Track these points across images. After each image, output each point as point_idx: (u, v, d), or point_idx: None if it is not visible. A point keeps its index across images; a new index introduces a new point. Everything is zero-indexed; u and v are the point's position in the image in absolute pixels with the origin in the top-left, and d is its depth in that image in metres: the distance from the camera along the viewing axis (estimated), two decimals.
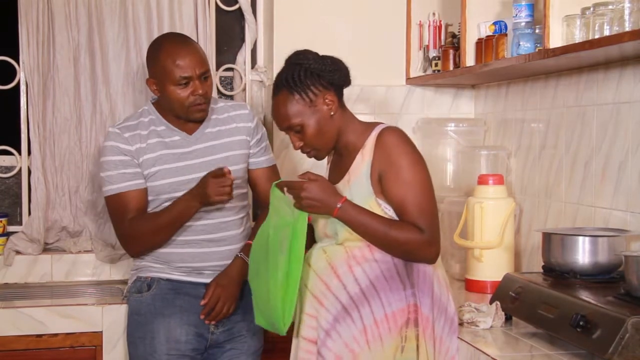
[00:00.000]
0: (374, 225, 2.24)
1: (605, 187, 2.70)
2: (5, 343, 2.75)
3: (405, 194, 2.25)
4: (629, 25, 2.29)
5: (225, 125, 2.73)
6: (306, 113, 2.30)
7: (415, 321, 2.27)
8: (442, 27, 3.54)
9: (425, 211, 2.26)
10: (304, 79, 2.30)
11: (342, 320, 2.26)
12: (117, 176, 2.61)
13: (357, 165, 2.32)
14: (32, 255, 3.31)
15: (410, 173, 2.26)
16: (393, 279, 2.27)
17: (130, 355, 2.67)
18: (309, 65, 2.32)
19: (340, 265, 2.29)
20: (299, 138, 2.34)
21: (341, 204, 2.25)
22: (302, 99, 2.30)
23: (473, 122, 3.58)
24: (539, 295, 2.32)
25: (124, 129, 2.65)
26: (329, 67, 2.33)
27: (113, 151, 2.62)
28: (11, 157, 3.47)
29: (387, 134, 2.30)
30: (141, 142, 2.63)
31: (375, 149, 2.29)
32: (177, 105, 2.61)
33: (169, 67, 2.57)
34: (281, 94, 2.33)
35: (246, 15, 3.63)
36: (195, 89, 2.58)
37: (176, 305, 2.62)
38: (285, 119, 2.32)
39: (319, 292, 2.31)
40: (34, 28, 3.30)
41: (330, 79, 2.32)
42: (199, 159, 2.65)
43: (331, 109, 2.32)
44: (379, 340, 2.25)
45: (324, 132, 2.33)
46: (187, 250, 2.63)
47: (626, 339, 1.92)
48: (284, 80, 2.32)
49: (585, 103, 2.83)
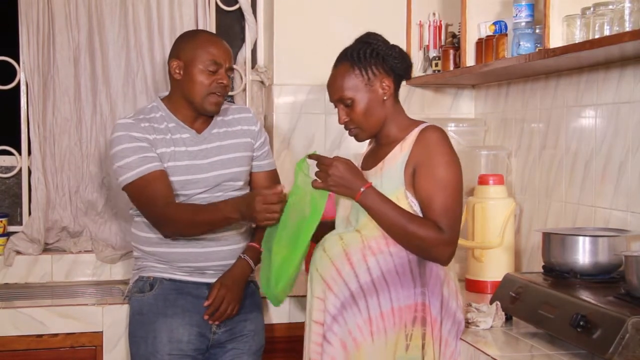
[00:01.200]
0: (394, 216, 2.25)
1: (606, 187, 2.70)
2: (6, 343, 2.75)
3: (434, 192, 2.26)
4: (629, 25, 2.30)
5: (231, 127, 2.74)
6: (361, 90, 2.34)
7: (423, 320, 2.27)
8: (442, 27, 3.54)
9: (450, 212, 2.26)
10: (368, 57, 2.34)
11: (349, 308, 2.28)
12: (137, 161, 2.57)
13: (394, 155, 2.34)
14: (32, 255, 3.31)
15: (443, 172, 2.27)
16: (405, 275, 2.28)
17: (132, 355, 2.67)
18: (377, 47, 2.36)
19: (354, 252, 2.30)
20: (346, 113, 2.37)
21: (365, 189, 2.26)
22: (361, 75, 2.34)
23: (473, 122, 3.58)
24: (539, 295, 2.32)
25: (138, 120, 2.63)
26: (395, 54, 2.37)
27: (128, 139, 2.58)
28: (11, 157, 3.47)
29: (430, 131, 2.33)
30: (157, 134, 2.62)
31: (415, 143, 2.32)
32: (198, 90, 2.62)
33: (205, 49, 2.62)
34: (342, 65, 2.37)
35: (246, 16, 3.63)
36: (220, 77, 2.63)
37: (178, 305, 2.62)
38: (339, 90, 2.36)
39: (329, 277, 2.32)
40: (34, 28, 3.30)
41: (393, 66, 2.36)
42: (207, 159, 2.65)
43: (385, 93, 2.36)
44: (383, 334, 2.26)
45: (372, 113, 2.36)
46: (189, 250, 2.63)
47: (626, 339, 1.92)
48: (348, 54, 2.37)
49: (586, 103, 2.83)
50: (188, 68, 2.63)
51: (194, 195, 2.63)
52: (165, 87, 3.38)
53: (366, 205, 2.27)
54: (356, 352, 2.27)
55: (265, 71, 3.62)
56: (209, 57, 2.62)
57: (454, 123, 3.51)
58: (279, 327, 2.95)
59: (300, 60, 3.54)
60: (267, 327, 2.82)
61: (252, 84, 3.64)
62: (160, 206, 2.56)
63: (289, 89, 3.55)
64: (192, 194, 2.63)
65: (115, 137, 2.62)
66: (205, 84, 2.62)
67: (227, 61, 2.66)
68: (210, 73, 2.62)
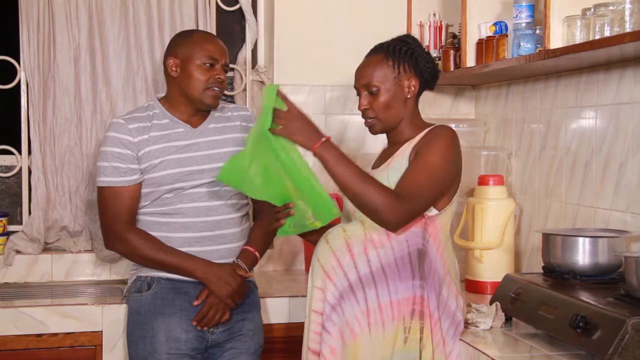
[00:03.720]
0: (349, 171, 2.24)
1: (606, 188, 2.70)
2: (5, 342, 2.75)
3: (414, 169, 2.28)
4: (629, 26, 2.30)
5: (229, 122, 2.76)
6: (389, 81, 2.38)
7: (421, 313, 2.28)
8: (443, 28, 3.54)
9: (415, 187, 2.25)
10: (403, 54, 2.39)
11: (347, 298, 2.30)
12: (111, 169, 2.62)
13: (402, 151, 2.37)
14: (32, 254, 3.31)
15: (433, 157, 2.28)
16: (405, 268, 2.29)
17: (130, 354, 2.67)
18: (413, 47, 2.41)
19: (356, 244, 2.32)
20: (368, 100, 2.40)
21: (325, 139, 2.27)
22: (393, 68, 2.38)
23: (473, 122, 3.58)
24: (539, 296, 2.33)
25: (129, 120, 2.66)
26: (428, 59, 2.43)
27: (113, 142, 2.63)
28: (11, 157, 3.47)
29: (438, 127, 2.38)
30: (144, 134, 2.64)
31: (423, 137, 2.35)
32: (195, 86, 2.64)
33: (201, 46, 2.65)
34: (377, 55, 2.42)
35: (247, 16, 3.63)
36: (216, 73, 2.65)
37: (176, 305, 2.62)
38: (368, 75, 2.40)
39: (330, 267, 2.34)
40: (34, 27, 3.30)
41: (423, 69, 2.41)
42: (203, 152, 2.66)
43: (409, 92, 2.40)
44: (380, 326, 2.28)
45: (392, 107, 2.39)
46: (187, 249, 2.63)
47: (626, 340, 1.92)
48: (385, 46, 2.42)
49: (586, 104, 2.83)
50: (185, 65, 2.65)
51: (190, 187, 2.63)
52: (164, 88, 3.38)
53: (323, 157, 2.26)
54: (353, 342, 2.29)
55: (266, 71, 3.62)
56: (206, 53, 2.64)
57: (454, 123, 3.50)
58: (278, 327, 2.95)
59: (300, 61, 3.54)
60: (266, 327, 2.82)
61: (253, 84, 3.64)
62: (122, 223, 2.62)
63: (289, 89, 3.52)
64: (188, 186, 2.63)
65: (105, 136, 2.67)
66: (202, 79, 2.64)
67: (223, 57, 2.69)
68: (207, 69, 2.64)
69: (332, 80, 3.46)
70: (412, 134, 2.40)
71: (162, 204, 2.63)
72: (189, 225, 2.63)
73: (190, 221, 2.63)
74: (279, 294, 3.04)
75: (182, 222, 2.63)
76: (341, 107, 3.19)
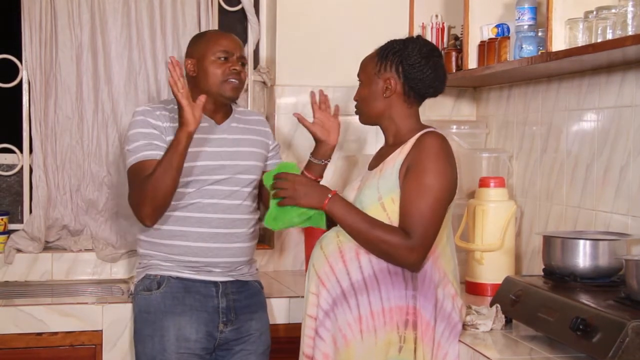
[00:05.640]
0: (359, 221, 2.30)
1: (606, 191, 2.70)
2: (6, 341, 2.75)
3: (414, 197, 2.28)
4: (631, 29, 2.30)
5: (250, 125, 2.81)
6: (370, 76, 2.46)
7: (414, 324, 2.28)
8: (445, 30, 3.54)
9: (423, 219, 2.26)
10: (390, 54, 2.43)
11: (340, 305, 2.31)
12: (141, 146, 2.61)
13: (393, 157, 2.38)
14: (32, 253, 3.31)
15: (429, 178, 2.28)
16: (397, 275, 2.29)
17: (138, 353, 2.66)
18: (406, 53, 2.40)
19: (348, 251, 2.33)
20: (357, 91, 2.51)
21: (331, 195, 2.34)
22: (376, 64, 2.44)
23: (475, 124, 3.58)
24: (539, 298, 2.33)
25: (155, 108, 2.70)
26: (420, 67, 2.40)
27: (142, 124, 2.65)
28: (13, 155, 3.47)
29: (429, 136, 2.36)
30: (171, 122, 2.65)
31: (413, 147, 2.35)
32: (213, 81, 2.67)
33: (214, 42, 2.70)
34: (375, 50, 2.49)
35: (249, 16, 3.63)
36: (232, 64, 2.68)
37: (186, 304, 2.62)
38: (361, 67, 2.51)
39: (323, 273, 2.35)
40: (36, 26, 3.30)
41: (408, 74, 2.40)
42: (227, 148, 2.70)
43: (387, 91, 2.42)
44: (372, 332, 2.28)
45: (369, 101, 2.46)
46: (199, 244, 2.63)
47: (626, 342, 1.92)
48: (383, 45, 2.48)
49: (587, 106, 2.83)
50: (201, 63, 2.69)
51: (208, 183, 2.64)
52: (166, 87, 3.39)
53: (332, 212, 2.33)
54: (346, 349, 2.29)
55: (268, 72, 3.62)
56: (219, 48, 2.68)
57: (455, 125, 3.51)
58: (278, 327, 2.94)
59: (302, 61, 3.54)
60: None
61: (254, 84, 3.64)
62: (138, 184, 2.56)
63: (291, 89, 3.56)
64: (208, 180, 2.64)
65: (132, 121, 2.69)
66: (218, 72, 2.67)
67: (237, 50, 2.72)
68: (221, 63, 2.68)
69: (333, 81, 3.46)
70: (405, 136, 2.41)
71: (181, 197, 2.63)
72: (206, 220, 2.64)
73: (207, 217, 2.64)
74: (279, 294, 3.04)
75: (199, 217, 2.64)
76: (343, 108, 3.14)
